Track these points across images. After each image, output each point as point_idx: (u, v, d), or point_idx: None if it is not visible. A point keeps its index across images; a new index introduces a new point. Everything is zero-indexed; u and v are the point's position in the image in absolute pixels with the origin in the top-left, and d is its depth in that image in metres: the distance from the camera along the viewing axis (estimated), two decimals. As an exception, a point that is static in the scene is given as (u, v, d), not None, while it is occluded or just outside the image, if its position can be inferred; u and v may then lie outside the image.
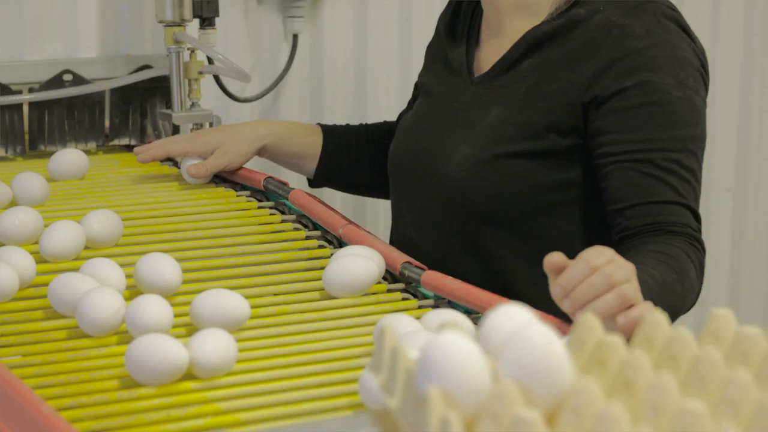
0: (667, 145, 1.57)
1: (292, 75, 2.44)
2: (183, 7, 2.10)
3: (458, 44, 1.78)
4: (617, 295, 1.25)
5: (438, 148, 1.71)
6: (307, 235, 1.70)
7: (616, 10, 1.62)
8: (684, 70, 1.60)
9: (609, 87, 1.59)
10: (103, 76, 2.19)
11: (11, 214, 1.58)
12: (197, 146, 1.88)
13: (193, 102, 2.14)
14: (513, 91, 1.66)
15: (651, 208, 1.56)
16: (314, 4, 2.45)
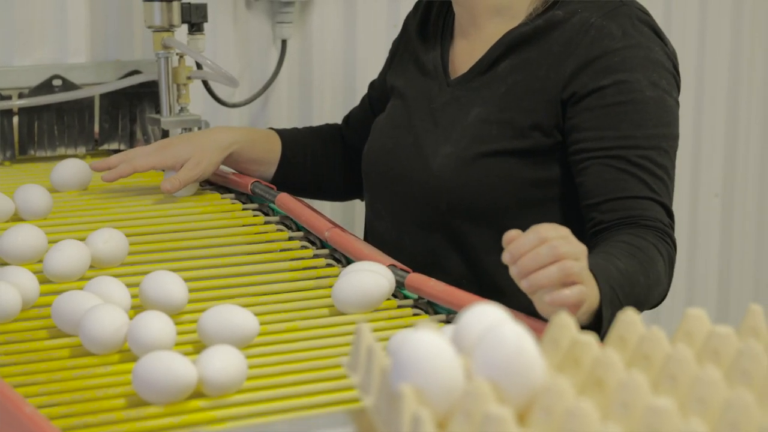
0: (640, 142, 1.62)
1: (280, 80, 2.45)
2: (172, 12, 2.12)
3: (431, 47, 1.82)
4: (560, 268, 1.29)
5: (417, 149, 1.74)
6: (314, 253, 1.68)
7: (594, 12, 1.67)
8: (657, 72, 1.65)
9: (586, 85, 1.64)
10: (93, 81, 2.20)
11: (14, 232, 1.53)
12: (167, 159, 1.85)
13: (182, 107, 2.15)
14: (492, 91, 1.70)
15: (624, 202, 1.60)
16: (303, 9, 2.46)
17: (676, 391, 0.90)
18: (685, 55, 2.86)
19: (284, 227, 1.75)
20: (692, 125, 2.95)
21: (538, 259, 1.29)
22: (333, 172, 1.97)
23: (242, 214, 1.81)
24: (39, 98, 2.13)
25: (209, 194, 1.90)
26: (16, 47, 2.20)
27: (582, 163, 1.64)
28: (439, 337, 0.86)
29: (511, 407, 0.83)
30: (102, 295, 1.35)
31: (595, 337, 0.95)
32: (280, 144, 1.94)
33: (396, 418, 0.84)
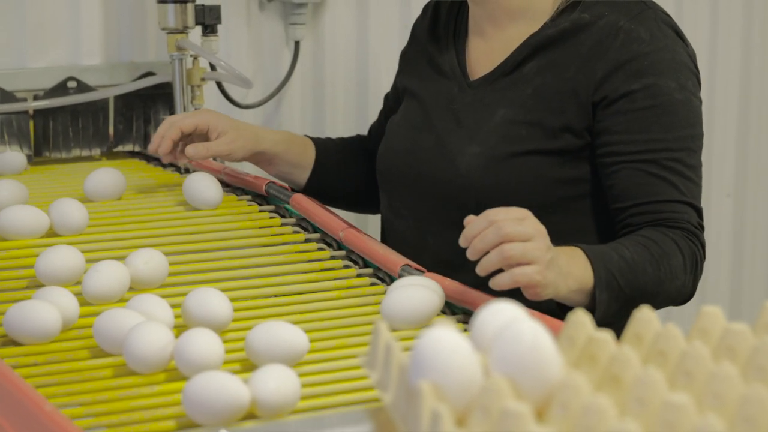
0: (670, 145, 1.65)
1: (294, 82, 2.46)
2: (186, 14, 2.13)
3: (445, 48, 1.83)
4: (498, 252, 1.36)
5: (440, 148, 1.75)
6: (357, 272, 1.64)
7: (621, 16, 1.69)
8: (683, 74, 1.68)
9: (617, 89, 1.66)
10: (107, 83, 2.21)
11: (51, 254, 1.48)
12: (209, 119, 1.84)
13: (196, 108, 2.16)
14: (518, 93, 1.72)
15: (654, 206, 1.64)
16: (316, 10, 2.47)
17: (692, 387, 0.90)
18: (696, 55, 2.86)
19: (303, 231, 1.74)
20: (704, 126, 2.95)
21: (485, 241, 1.37)
22: (360, 185, 1.97)
23: (266, 219, 1.79)
24: (54, 100, 2.14)
25: (228, 197, 1.89)
26: (30, 49, 2.21)
27: (612, 167, 1.66)
28: (456, 334, 0.87)
29: (528, 403, 0.83)
30: (145, 312, 1.32)
31: (590, 317, 0.96)
32: (313, 150, 1.95)
33: (415, 415, 0.85)
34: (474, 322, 0.93)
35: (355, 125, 2.53)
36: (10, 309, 1.33)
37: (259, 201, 1.88)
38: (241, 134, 1.85)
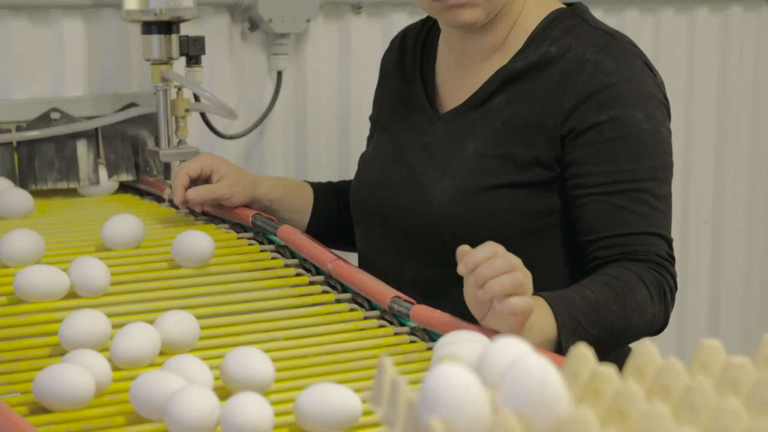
0: (638, 175, 1.66)
1: (276, 112, 2.47)
2: (170, 45, 2.13)
3: (412, 82, 1.85)
4: (513, 276, 1.37)
5: (413, 182, 1.76)
6: (365, 315, 1.61)
7: (588, 48, 1.70)
8: (651, 104, 1.69)
9: (585, 120, 1.67)
10: (90, 114, 2.21)
11: (76, 319, 1.40)
12: (213, 163, 1.89)
13: (180, 139, 2.16)
14: (488, 126, 1.73)
15: (622, 239, 1.65)
16: (298, 41, 2.48)
17: (697, 421, 0.91)
18: (673, 85, 2.89)
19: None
20: (682, 154, 2.98)
21: (494, 268, 1.37)
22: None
23: (272, 262, 1.77)
24: (37, 131, 2.14)
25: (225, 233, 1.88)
26: (13, 81, 2.21)
27: (581, 199, 1.67)
28: (465, 370, 0.87)
29: (537, 439, 0.84)
30: (184, 375, 1.25)
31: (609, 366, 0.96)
32: (312, 194, 1.96)
33: (425, 451, 0.85)
34: (482, 358, 0.94)
35: (338, 156, 2.54)
36: (40, 374, 1.25)
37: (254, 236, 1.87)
38: (242, 178, 1.89)
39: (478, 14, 1.70)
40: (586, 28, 1.73)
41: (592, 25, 1.74)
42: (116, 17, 2.26)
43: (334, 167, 2.53)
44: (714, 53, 3.04)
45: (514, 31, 1.75)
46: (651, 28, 2.92)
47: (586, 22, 1.75)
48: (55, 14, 2.23)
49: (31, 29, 2.22)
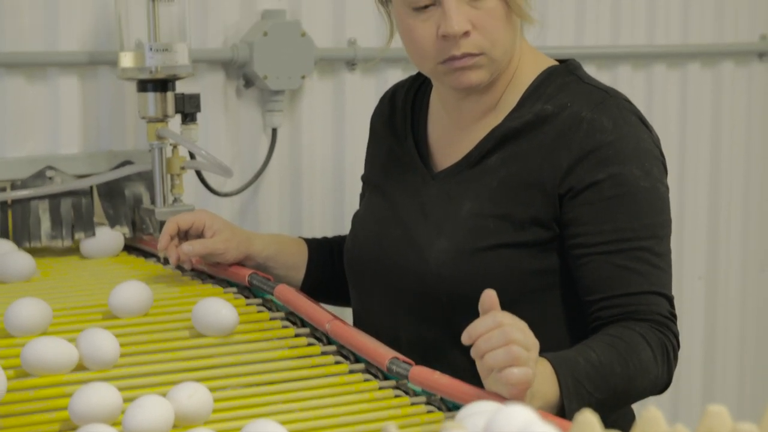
0: (638, 233, 1.65)
1: (271, 169, 2.46)
2: (166, 103, 2.13)
3: (404, 140, 1.84)
4: (506, 351, 1.36)
5: (409, 242, 1.75)
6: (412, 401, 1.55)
7: (583, 106, 1.69)
8: (648, 161, 1.68)
9: (582, 179, 1.66)
10: (86, 171, 2.21)
11: (86, 393, 1.37)
12: (206, 218, 1.89)
13: (176, 197, 2.16)
14: (484, 185, 1.72)
15: (623, 299, 1.63)
16: (293, 97, 2.48)
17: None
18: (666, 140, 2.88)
19: (315, 341, 1.70)
20: (675, 209, 2.94)
21: (491, 342, 1.37)
22: None
23: (283, 331, 1.73)
24: (32, 189, 2.13)
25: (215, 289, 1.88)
26: (9, 139, 2.21)
27: (581, 259, 1.66)
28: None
29: None
30: None
31: None
32: (306, 250, 1.96)
33: None
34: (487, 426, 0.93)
35: (333, 212, 2.54)
36: None
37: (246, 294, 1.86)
38: (235, 235, 1.89)
39: (483, 76, 1.70)
40: (581, 85, 1.73)
41: (586, 82, 1.74)
42: (112, 75, 2.26)
43: (329, 224, 2.53)
44: (706, 108, 3.05)
45: (509, 89, 1.75)
46: (643, 83, 2.93)
47: (581, 79, 1.75)
48: (51, 72, 2.23)
49: (27, 87, 2.22)
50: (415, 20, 1.69)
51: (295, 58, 2.41)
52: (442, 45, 1.67)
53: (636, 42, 2.92)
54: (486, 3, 1.66)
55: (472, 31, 1.66)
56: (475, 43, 1.67)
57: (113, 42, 2.21)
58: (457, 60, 1.67)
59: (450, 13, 1.65)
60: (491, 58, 1.69)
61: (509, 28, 1.69)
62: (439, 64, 1.69)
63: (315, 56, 2.44)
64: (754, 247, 3.19)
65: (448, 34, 1.65)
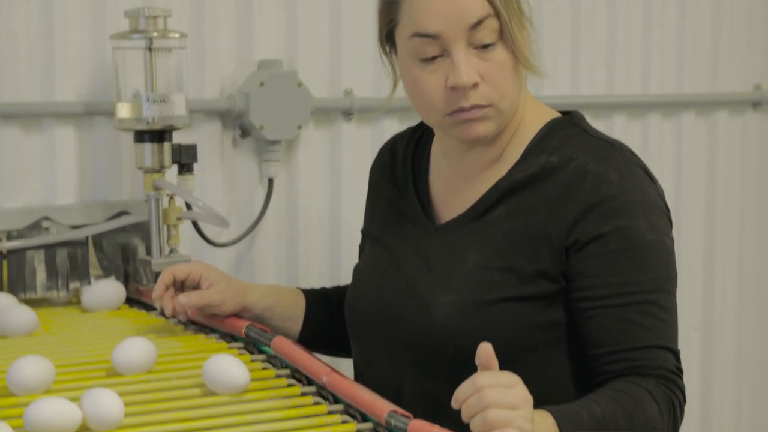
0: (644, 287, 1.63)
1: (267, 219, 2.46)
2: (163, 153, 2.13)
3: (405, 192, 1.83)
4: (482, 418, 1.36)
5: (413, 295, 1.74)
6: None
7: (589, 158, 1.68)
8: (654, 214, 1.67)
9: (589, 232, 1.65)
10: (82, 222, 2.20)
11: None
12: (202, 269, 1.87)
13: (172, 248, 2.15)
14: (489, 238, 1.70)
15: (630, 353, 1.62)
16: (289, 147, 2.48)
17: None
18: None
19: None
20: (671, 258, 2.97)
21: (471, 409, 1.37)
22: None
23: (288, 390, 1.70)
24: (27, 240, 2.12)
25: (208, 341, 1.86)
26: (5, 189, 2.20)
27: (587, 312, 1.64)
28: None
29: None
30: None
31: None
32: (304, 301, 1.94)
33: None
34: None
35: (329, 263, 2.53)
36: None
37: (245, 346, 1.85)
38: (232, 286, 1.87)
39: (491, 127, 1.69)
40: (586, 137, 1.73)
41: (590, 134, 1.74)
42: (108, 125, 2.25)
43: (325, 275, 2.52)
44: (701, 157, 3.06)
45: (513, 141, 1.75)
46: (638, 132, 2.94)
47: (585, 131, 1.74)
48: (47, 122, 2.23)
49: (23, 137, 2.21)
50: (422, 71, 1.68)
51: (292, 108, 2.41)
52: (450, 96, 1.66)
53: (631, 91, 2.93)
54: (494, 54, 1.66)
55: (480, 82, 1.65)
56: (483, 94, 1.66)
57: (110, 92, 2.21)
58: (465, 112, 1.66)
59: (459, 64, 1.64)
60: (499, 109, 1.68)
61: (517, 79, 1.69)
62: (447, 115, 1.68)
63: (311, 106, 2.44)
64: (750, 296, 3.19)
65: (458, 85, 1.64)
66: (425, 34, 1.65)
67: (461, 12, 1.64)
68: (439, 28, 1.64)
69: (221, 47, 2.39)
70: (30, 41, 2.20)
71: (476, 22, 1.64)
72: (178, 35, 2.14)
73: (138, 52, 2.11)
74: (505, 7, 1.65)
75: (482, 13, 1.64)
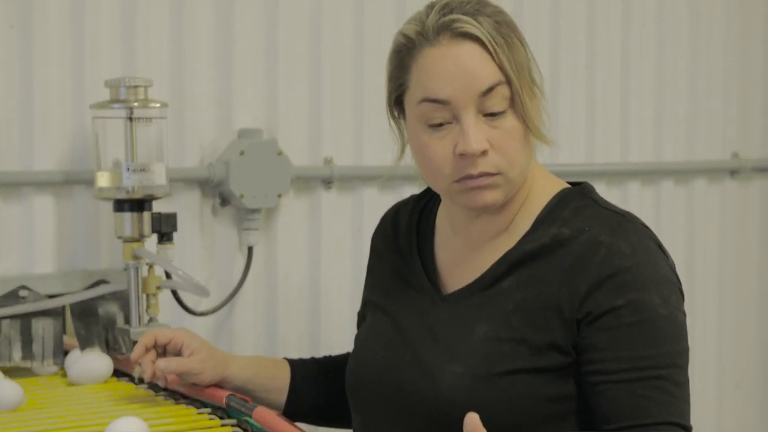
0: (657, 362, 1.60)
1: (246, 288, 2.44)
2: (142, 222, 2.12)
3: (410, 260, 1.80)
4: None
5: (419, 366, 1.70)
6: None
7: (601, 230, 1.65)
8: (666, 288, 1.64)
9: (601, 305, 1.62)
10: (60, 291, 2.18)
11: None
12: (184, 336, 1.84)
13: (151, 317, 2.14)
14: (498, 308, 1.67)
15: (641, 429, 1.57)
16: (269, 216, 2.47)
17: None
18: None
19: None
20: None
21: None
22: (344, 403, 1.88)
23: None
24: (4, 309, 2.10)
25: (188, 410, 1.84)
26: (-19, 258, 2.19)
27: (598, 386, 1.60)
28: None
29: None
30: None
31: None
32: (288, 372, 1.92)
33: None
34: None
35: (309, 332, 2.52)
36: None
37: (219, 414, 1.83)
38: (213, 356, 1.85)
39: (499, 196, 1.66)
40: (597, 208, 1.70)
41: (602, 205, 1.71)
42: (87, 194, 2.24)
43: (305, 344, 2.50)
44: (679, 225, 3.07)
45: (522, 211, 1.72)
46: (619, 199, 2.94)
47: (596, 202, 1.71)
48: (26, 191, 2.22)
49: (1, 206, 2.20)
50: (430, 137, 1.65)
51: (272, 176, 2.40)
52: (458, 163, 1.64)
53: (611, 159, 2.94)
54: (504, 122, 1.64)
55: (489, 150, 1.63)
56: (492, 162, 1.63)
57: (89, 161, 2.21)
58: (473, 179, 1.64)
59: (469, 131, 1.62)
60: (508, 178, 1.65)
61: (526, 148, 1.66)
62: (454, 182, 1.65)
63: (291, 174, 2.44)
64: (729, 364, 3.18)
65: (466, 152, 1.62)
66: (435, 99, 1.63)
67: (472, 79, 1.62)
68: (450, 95, 1.62)
69: (201, 116, 2.39)
70: (9, 109, 2.20)
71: (487, 89, 1.62)
72: (159, 105, 2.14)
73: (118, 121, 2.10)
74: (517, 75, 1.63)
75: (493, 80, 1.62)
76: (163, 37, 2.34)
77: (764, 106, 3.21)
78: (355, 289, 2.56)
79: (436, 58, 1.63)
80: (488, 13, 1.65)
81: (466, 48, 1.62)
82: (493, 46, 1.62)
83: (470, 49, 1.62)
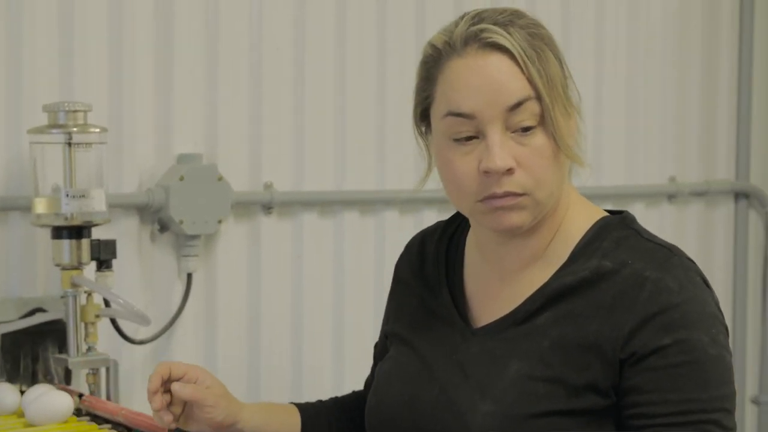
0: (705, 406, 1.51)
1: (186, 315, 2.41)
2: (81, 250, 2.08)
3: (438, 292, 1.69)
4: None
5: (448, 403, 1.59)
6: None
7: (647, 264, 1.54)
8: (715, 327, 1.54)
9: (647, 344, 1.51)
10: (-7, 319, 2.14)
11: None
12: (199, 371, 1.66)
13: (90, 346, 2.10)
14: (533, 344, 1.56)
15: None
16: (208, 242, 2.44)
17: None
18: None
19: None
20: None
21: None
22: None
23: None
24: (-63, 339, 2.06)
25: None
26: None
27: (642, 430, 1.50)
28: None
29: None
30: None
31: None
32: (299, 417, 1.78)
33: None
34: None
35: (249, 359, 2.49)
36: None
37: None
38: (227, 395, 1.68)
39: (525, 218, 1.54)
40: (640, 240, 1.57)
41: (645, 237, 1.58)
42: (24, 220, 2.20)
43: (244, 371, 2.48)
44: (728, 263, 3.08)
45: (557, 239, 1.60)
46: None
47: (639, 233, 1.59)
48: (-41, 218, 2.18)
49: (-67, 233, 2.16)
50: (455, 153, 1.54)
51: (212, 202, 2.38)
52: (483, 181, 1.52)
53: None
54: (533, 140, 1.52)
55: (516, 168, 1.51)
56: (518, 181, 1.52)
57: (26, 187, 2.17)
58: (498, 199, 1.52)
59: (494, 147, 1.51)
60: (535, 199, 1.53)
61: (557, 168, 1.54)
62: (479, 201, 1.54)
63: (231, 200, 2.41)
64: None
65: (490, 170, 1.51)
66: (459, 113, 1.53)
67: (499, 92, 1.52)
68: (475, 108, 1.52)
69: (140, 140, 2.36)
70: (-57, 134, 2.16)
71: (515, 104, 1.51)
72: (99, 130, 2.11)
73: (57, 146, 2.07)
74: (548, 91, 1.53)
75: (522, 95, 1.52)
76: (102, 60, 2.31)
77: (701, 131, 3.24)
78: (295, 314, 2.54)
79: (462, 69, 1.54)
80: (522, 24, 1.55)
81: (494, 60, 1.52)
82: (523, 58, 1.52)
83: (498, 61, 1.52)
